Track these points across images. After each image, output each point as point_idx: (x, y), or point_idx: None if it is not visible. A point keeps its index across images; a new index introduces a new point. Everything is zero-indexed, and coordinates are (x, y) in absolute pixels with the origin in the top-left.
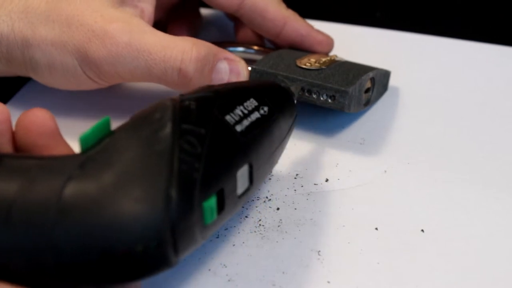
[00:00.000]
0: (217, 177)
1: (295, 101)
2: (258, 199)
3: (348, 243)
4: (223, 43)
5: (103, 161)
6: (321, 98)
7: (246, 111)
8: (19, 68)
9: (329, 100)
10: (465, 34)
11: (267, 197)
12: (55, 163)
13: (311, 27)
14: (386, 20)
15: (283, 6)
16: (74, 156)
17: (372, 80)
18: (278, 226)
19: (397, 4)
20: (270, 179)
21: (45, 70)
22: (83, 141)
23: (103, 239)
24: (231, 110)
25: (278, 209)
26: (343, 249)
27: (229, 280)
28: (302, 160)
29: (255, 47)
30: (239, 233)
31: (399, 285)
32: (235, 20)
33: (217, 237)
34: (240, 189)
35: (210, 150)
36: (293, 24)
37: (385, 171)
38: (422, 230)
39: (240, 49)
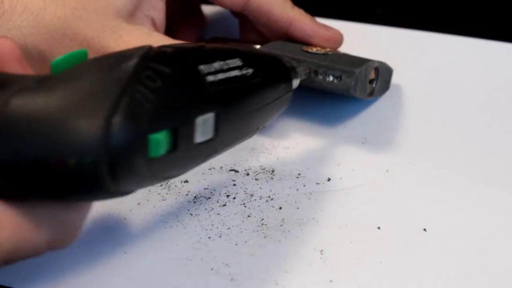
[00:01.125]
0: (171, 114)
1: (298, 80)
2: (260, 199)
3: (351, 242)
4: (226, 41)
5: (59, 79)
6: (327, 79)
7: (225, 67)
8: None
9: (335, 81)
10: (466, 30)
11: (269, 197)
12: (14, 78)
13: (318, 25)
14: (386, 17)
15: (288, 6)
16: (37, 75)
17: (377, 70)
18: (281, 225)
19: (398, 1)
20: (272, 178)
21: None
22: (54, 65)
23: (38, 148)
24: (208, 61)
25: (280, 208)
26: (346, 248)
27: (231, 280)
28: (304, 160)
29: (257, 46)
30: (241, 232)
31: (401, 284)
32: (240, 17)
33: (220, 237)
34: (200, 136)
35: (170, 88)
36: (298, 24)
37: (387, 171)
38: (425, 229)
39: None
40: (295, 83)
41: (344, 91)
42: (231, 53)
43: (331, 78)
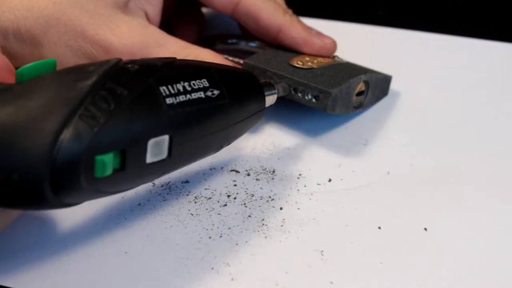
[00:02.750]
0: (121, 137)
1: (274, 96)
2: (261, 199)
3: (351, 243)
4: (227, 36)
5: (15, 93)
6: (306, 97)
7: (189, 88)
8: (22, 64)
9: (313, 100)
10: (467, 32)
11: (270, 197)
12: None
13: (309, 33)
14: (388, 19)
15: (280, 12)
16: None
17: (366, 83)
18: (281, 225)
19: (399, 3)
20: (273, 178)
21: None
22: (19, 74)
23: None
24: (170, 83)
25: (281, 208)
26: (346, 249)
27: (232, 279)
28: (305, 160)
29: (257, 42)
30: (242, 232)
31: (402, 284)
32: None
33: (220, 236)
34: (151, 157)
35: (123, 110)
36: (287, 32)
37: (388, 172)
38: (425, 229)
39: (243, 43)
40: (271, 100)
41: (322, 109)
42: (199, 73)
43: (309, 97)
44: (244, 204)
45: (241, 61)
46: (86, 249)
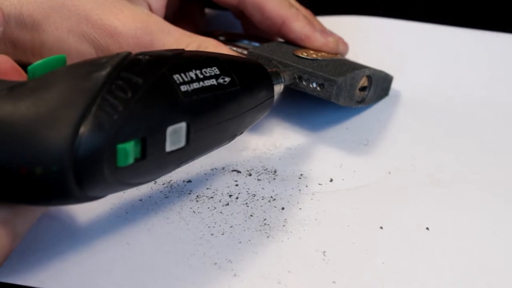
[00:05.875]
0: (140, 124)
1: (281, 85)
2: (263, 199)
3: (353, 243)
4: (230, 34)
5: (30, 87)
6: (311, 86)
7: (201, 76)
8: (24, 54)
9: (318, 88)
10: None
11: (271, 197)
12: None
13: (313, 28)
14: (388, 17)
15: (285, 4)
16: (12, 81)
17: (369, 78)
18: (283, 225)
19: (400, 2)
20: (274, 179)
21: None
22: (30, 71)
23: (6, 155)
24: (183, 71)
25: (283, 208)
26: (348, 249)
27: (234, 275)
28: (306, 160)
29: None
30: (244, 231)
31: (404, 284)
32: (241, 19)
33: (223, 234)
34: (170, 146)
35: (141, 99)
36: (290, 25)
37: (389, 172)
38: (427, 228)
39: (245, 41)
40: (278, 88)
41: (327, 98)
42: (208, 62)
43: (314, 85)
44: (246, 203)
45: (245, 52)
46: (86, 240)
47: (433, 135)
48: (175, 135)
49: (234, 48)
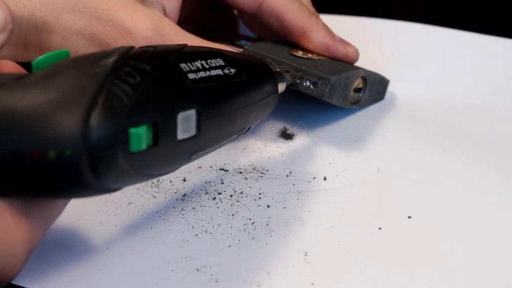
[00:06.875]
0: (151, 109)
1: (284, 84)
2: (247, 197)
3: (338, 244)
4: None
5: (38, 76)
6: (304, 84)
7: (207, 66)
8: (35, 56)
9: (312, 87)
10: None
11: (257, 195)
12: None
13: (333, 39)
14: (386, 14)
15: (306, 14)
16: (18, 74)
17: (365, 80)
18: (267, 224)
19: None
20: (262, 177)
21: None
22: (35, 65)
23: (17, 141)
24: (189, 60)
25: (268, 206)
26: (331, 250)
27: (214, 281)
28: (296, 158)
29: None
30: (227, 231)
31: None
32: (251, 27)
33: (206, 233)
34: (181, 133)
35: (150, 84)
36: (310, 35)
37: (379, 170)
38: (414, 231)
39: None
40: (281, 87)
41: (320, 96)
42: (213, 54)
43: (307, 83)
44: (231, 202)
45: (240, 50)
46: (67, 243)
47: (423, 132)
48: (186, 122)
49: (230, 46)
